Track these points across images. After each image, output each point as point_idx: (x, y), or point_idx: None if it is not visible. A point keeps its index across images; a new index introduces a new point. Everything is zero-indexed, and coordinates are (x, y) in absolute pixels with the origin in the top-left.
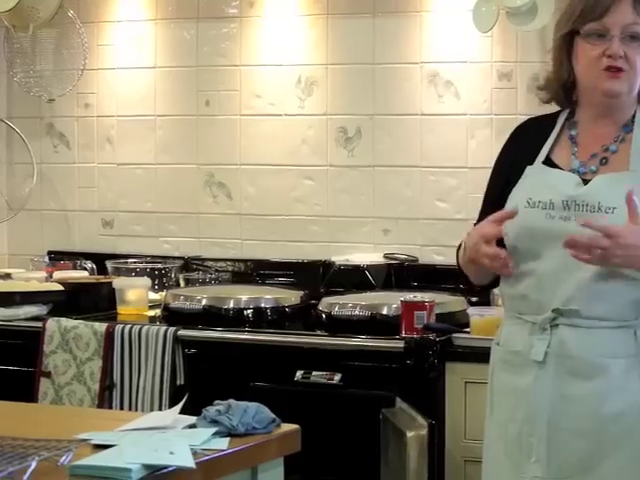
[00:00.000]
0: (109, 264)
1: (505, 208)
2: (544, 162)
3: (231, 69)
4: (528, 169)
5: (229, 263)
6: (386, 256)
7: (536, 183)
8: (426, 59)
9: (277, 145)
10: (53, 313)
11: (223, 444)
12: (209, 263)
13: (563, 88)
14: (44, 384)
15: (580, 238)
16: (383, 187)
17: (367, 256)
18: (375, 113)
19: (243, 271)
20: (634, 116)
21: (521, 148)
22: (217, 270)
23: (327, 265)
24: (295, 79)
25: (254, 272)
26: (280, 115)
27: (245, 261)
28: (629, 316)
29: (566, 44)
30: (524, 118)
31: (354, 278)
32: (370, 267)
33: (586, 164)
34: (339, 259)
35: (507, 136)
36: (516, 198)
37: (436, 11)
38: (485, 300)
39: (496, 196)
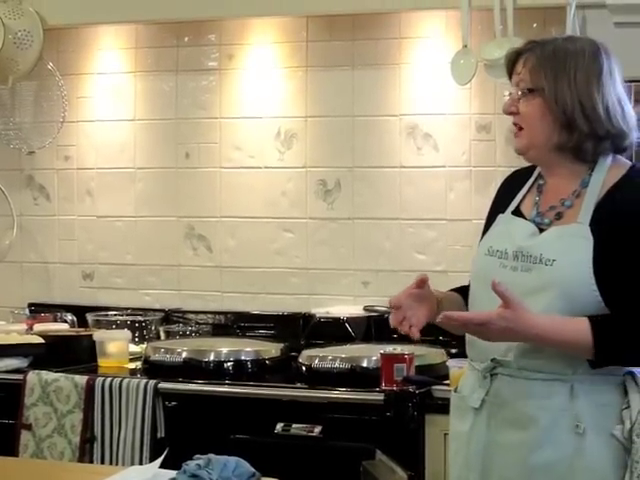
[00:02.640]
0: (89, 316)
1: (475, 255)
2: (514, 211)
3: (211, 121)
4: (499, 217)
5: (209, 315)
6: (366, 308)
7: (500, 232)
8: (405, 111)
9: (257, 197)
10: (34, 366)
11: None
12: (189, 315)
13: None
14: (25, 436)
15: (455, 316)
16: (363, 239)
17: (347, 308)
18: (354, 165)
19: (223, 323)
20: (591, 170)
21: (501, 198)
22: (197, 322)
23: (307, 317)
24: (275, 131)
25: (234, 324)
26: (260, 168)
27: (225, 313)
28: (566, 370)
29: None
30: (503, 170)
31: (334, 330)
32: (350, 319)
33: (544, 215)
34: (319, 311)
35: (486, 188)
36: (482, 245)
37: (415, 64)
38: (465, 352)
39: None
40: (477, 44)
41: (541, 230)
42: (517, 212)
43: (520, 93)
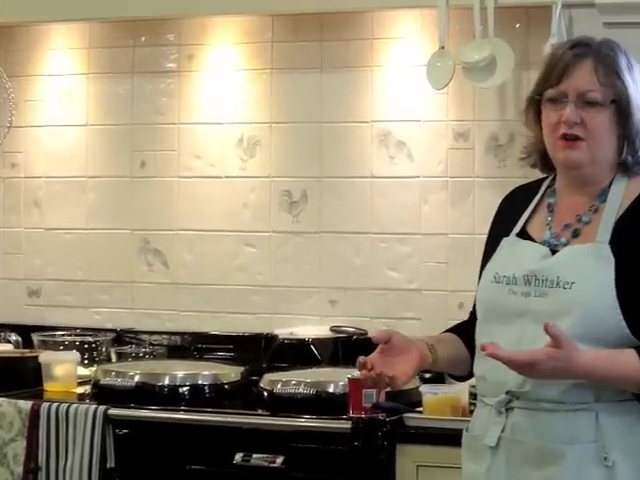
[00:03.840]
0: (35, 337)
1: (478, 283)
2: (519, 233)
3: (168, 127)
4: (503, 241)
5: (164, 336)
6: (333, 329)
7: (505, 256)
8: (377, 117)
9: (217, 209)
10: None
11: None
12: (143, 336)
13: (539, 154)
14: None
15: (499, 353)
16: (330, 255)
17: (312, 329)
18: (322, 175)
19: (179, 345)
20: (611, 184)
21: (503, 219)
22: (152, 344)
23: (269, 339)
24: (237, 138)
25: (191, 346)
26: (220, 177)
27: (182, 334)
28: (589, 398)
29: (534, 110)
30: (481, 181)
31: (298, 353)
32: (316, 341)
33: (559, 235)
34: (282, 332)
35: (463, 200)
36: (487, 273)
37: (388, 66)
38: (439, 377)
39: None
40: (455, 45)
41: (554, 252)
42: (523, 234)
43: (584, 102)
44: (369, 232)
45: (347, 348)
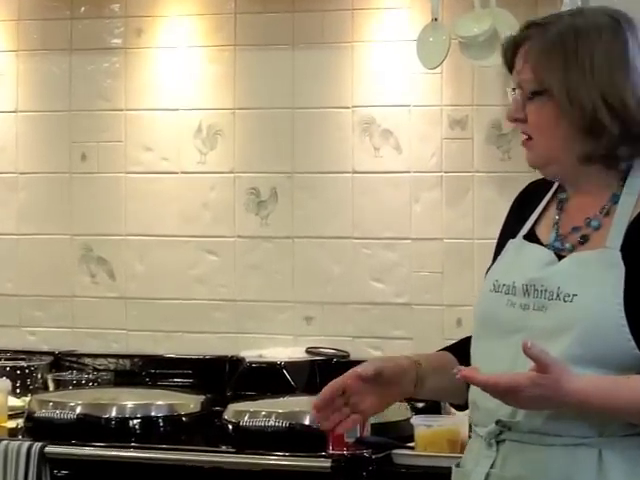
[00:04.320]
0: None
1: (479, 293)
2: (527, 235)
3: (114, 114)
4: (509, 244)
5: (111, 360)
6: (309, 351)
7: (509, 261)
8: (359, 102)
9: (172, 210)
10: None
11: None
12: (86, 360)
13: None
14: None
15: (475, 378)
16: (305, 263)
17: (285, 351)
18: (295, 171)
19: (129, 370)
20: (624, 181)
21: (513, 219)
22: (96, 369)
23: (235, 362)
24: (194, 127)
25: (143, 371)
26: (176, 173)
27: (131, 357)
28: (591, 432)
29: None
30: (481, 176)
31: (269, 379)
32: (289, 365)
33: (565, 239)
34: (250, 354)
35: (460, 199)
36: (487, 280)
37: (372, 42)
38: (434, 406)
39: None
40: (450, 17)
41: (560, 258)
42: (531, 236)
43: (525, 96)
44: (350, 237)
45: (326, 373)
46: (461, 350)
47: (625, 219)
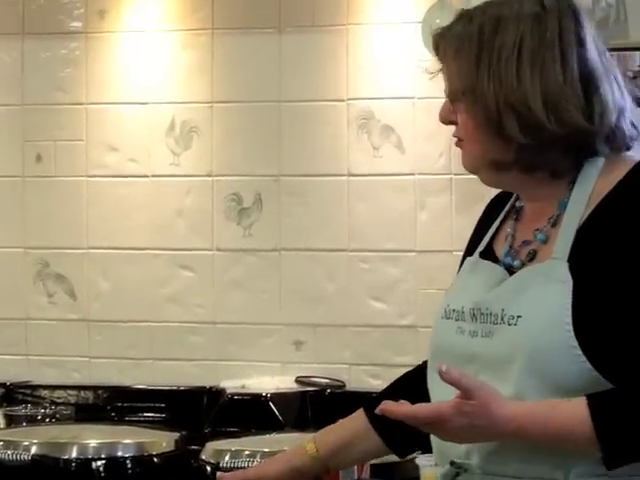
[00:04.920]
0: None
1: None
2: (484, 251)
3: (73, 109)
4: (465, 262)
5: (71, 392)
6: (299, 380)
7: (461, 283)
8: (355, 94)
9: (141, 220)
10: None
11: None
12: (42, 392)
13: None
14: None
15: (394, 411)
16: (294, 280)
17: (272, 380)
18: (282, 173)
19: (92, 403)
20: (573, 184)
21: (475, 234)
22: (54, 402)
23: (214, 394)
24: (166, 124)
25: (108, 405)
26: (145, 176)
27: (95, 388)
28: (554, 473)
29: None
30: None
31: (253, 412)
32: (276, 397)
33: (517, 254)
34: (231, 385)
35: (472, 206)
36: (441, 304)
37: (370, 25)
38: None
39: None
40: None
41: (512, 274)
42: (488, 253)
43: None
44: (346, 249)
45: (318, 406)
46: (405, 387)
47: (572, 227)
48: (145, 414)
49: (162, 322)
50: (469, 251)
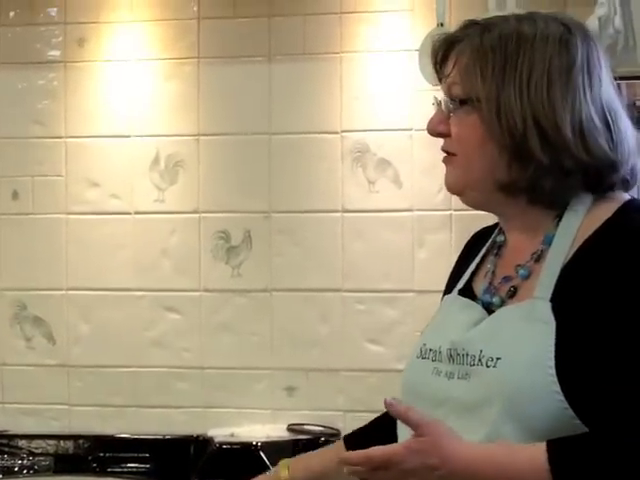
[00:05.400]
0: None
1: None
2: (463, 289)
3: (52, 143)
4: (444, 300)
5: (50, 442)
6: (291, 428)
7: (438, 322)
8: (349, 126)
9: (123, 259)
10: None
11: None
12: (20, 442)
13: None
14: None
15: (348, 458)
16: (286, 322)
17: (262, 428)
18: (272, 209)
19: (72, 453)
20: (559, 218)
21: (455, 271)
22: (32, 453)
23: (201, 443)
24: (150, 158)
25: (89, 455)
26: (128, 213)
27: (75, 438)
28: None
29: None
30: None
31: (243, 462)
32: (267, 445)
33: (497, 291)
34: (220, 433)
35: None
36: (417, 343)
37: (364, 52)
38: None
39: None
40: (459, 22)
41: (491, 313)
42: (467, 290)
43: (450, 105)
44: (340, 289)
45: None
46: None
47: (557, 264)
48: (129, 465)
49: (146, 367)
50: (448, 289)
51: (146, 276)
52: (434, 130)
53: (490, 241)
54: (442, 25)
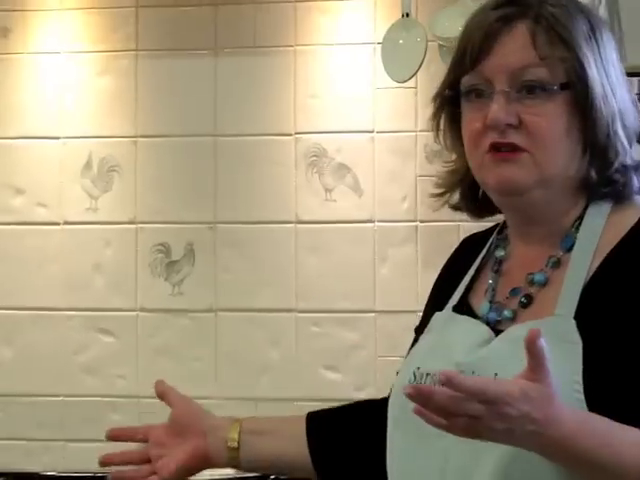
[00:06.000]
0: None
1: (394, 382)
2: (457, 305)
3: None
4: (434, 318)
5: None
6: None
7: (433, 342)
8: (304, 127)
9: (51, 275)
10: None
11: None
12: None
13: (464, 186)
14: None
15: (432, 392)
16: (232, 346)
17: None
18: (217, 220)
19: None
20: (579, 221)
21: (442, 284)
22: None
23: None
24: (82, 162)
25: None
26: (57, 224)
27: None
28: None
29: (449, 115)
30: (470, 226)
31: None
32: None
33: (502, 307)
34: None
35: (441, 257)
36: (406, 365)
37: (321, 46)
38: None
39: None
40: (427, 13)
41: (498, 333)
42: (462, 306)
43: (523, 92)
44: (293, 309)
45: None
46: (358, 412)
47: (580, 277)
48: None
49: (76, 396)
50: (437, 305)
51: (76, 294)
52: (504, 121)
53: (485, 252)
54: (407, 16)
